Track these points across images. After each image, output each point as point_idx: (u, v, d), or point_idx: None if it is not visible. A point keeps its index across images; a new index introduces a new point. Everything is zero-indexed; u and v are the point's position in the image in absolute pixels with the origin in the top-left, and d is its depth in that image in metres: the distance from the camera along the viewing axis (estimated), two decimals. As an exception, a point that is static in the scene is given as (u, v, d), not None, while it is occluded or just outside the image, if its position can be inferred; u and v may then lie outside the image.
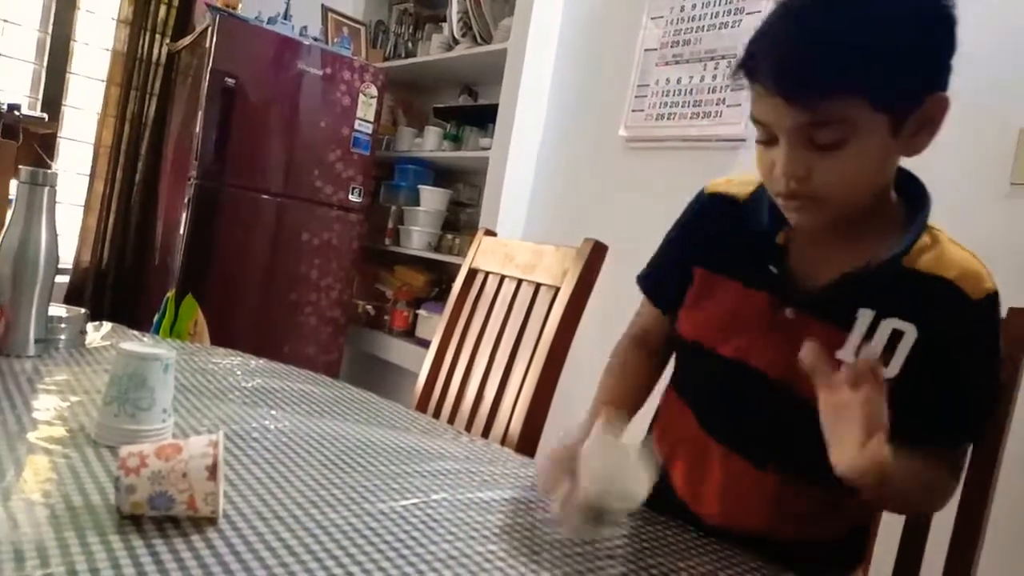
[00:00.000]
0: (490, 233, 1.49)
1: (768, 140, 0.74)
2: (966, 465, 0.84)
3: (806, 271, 0.79)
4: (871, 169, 0.72)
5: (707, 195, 0.92)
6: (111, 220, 2.92)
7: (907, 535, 0.94)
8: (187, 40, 2.79)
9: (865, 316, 0.69)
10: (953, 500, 0.90)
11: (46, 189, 1.03)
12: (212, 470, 0.60)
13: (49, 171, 1.04)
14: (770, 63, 0.69)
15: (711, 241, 0.87)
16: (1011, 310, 0.92)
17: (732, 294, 0.83)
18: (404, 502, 0.74)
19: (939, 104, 0.71)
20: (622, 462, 0.71)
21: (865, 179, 0.72)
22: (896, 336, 0.69)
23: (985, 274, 0.76)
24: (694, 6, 2.11)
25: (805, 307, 0.78)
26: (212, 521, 0.61)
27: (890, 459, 0.62)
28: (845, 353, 0.69)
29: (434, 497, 0.77)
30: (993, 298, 0.76)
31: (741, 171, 0.95)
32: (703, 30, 2.08)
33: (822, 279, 0.78)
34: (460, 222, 2.96)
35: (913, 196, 0.79)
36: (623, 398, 0.91)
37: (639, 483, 0.70)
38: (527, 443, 1.17)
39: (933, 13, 0.68)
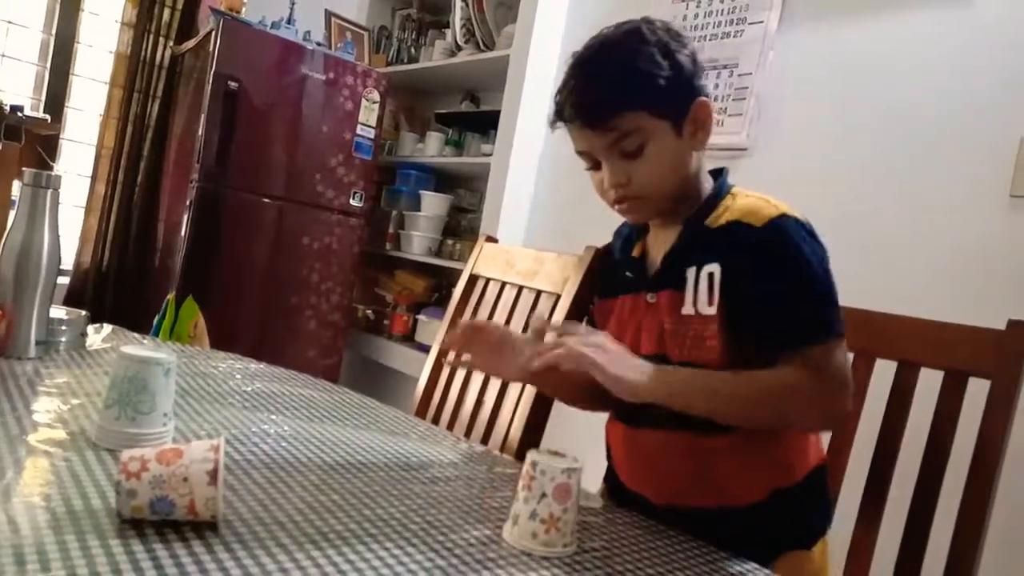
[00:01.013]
0: (491, 239, 1.49)
1: (593, 165, 0.93)
2: (832, 368, 0.83)
3: (654, 264, 0.97)
4: (671, 164, 0.91)
5: (597, 251, 1.15)
6: (112, 222, 2.92)
7: (908, 534, 0.95)
8: (191, 43, 2.80)
9: (690, 274, 0.88)
10: (953, 502, 0.91)
11: (49, 192, 1.03)
12: (213, 475, 0.60)
13: (52, 174, 1.04)
14: (570, 105, 0.90)
15: (602, 280, 1.08)
16: (1011, 322, 0.93)
17: (617, 306, 1.00)
18: (403, 508, 0.74)
19: (702, 108, 0.91)
20: None
21: (669, 172, 0.91)
22: (712, 279, 0.87)
23: (766, 206, 0.88)
24: (696, 16, 2.12)
25: (656, 288, 0.93)
26: (212, 526, 0.62)
27: (671, 376, 0.84)
28: (686, 308, 0.88)
29: (432, 503, 0.77)
30: (777, 221, 0.86)
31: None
32: (705, 40, 2.09)
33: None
34: (461, 228, 2.97)
35: (717, 179, 0.96)
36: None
37: None
38: (526, 449, 1.16)
39: (668, 47, 0.89)
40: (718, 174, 0.97)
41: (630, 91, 0.88)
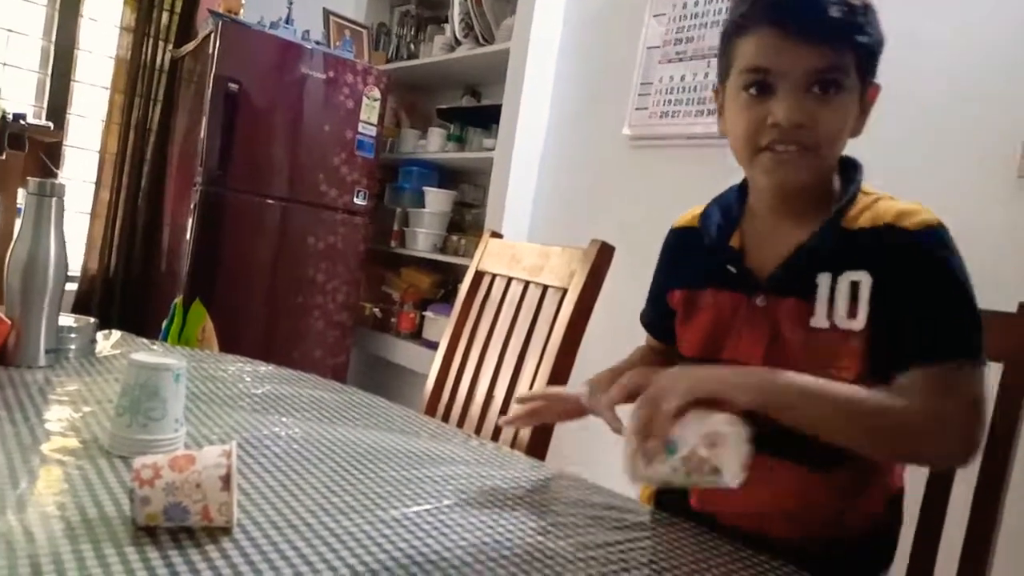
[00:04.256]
0: (496, 235, 1.49)
1: (761, 91, 0.79)
2: (972, 392, 0.75)
3: (762, 262, 0.86)
4: (847, 128, 0.81)
5: (672, 231, 1.02)
6: (118, 227, 2.93)
7: (922, 521, 0.94)
8: (190, 46, 2.80)
9: (824, 280, 0.78)
10: (967, 487, 0.90)
11: (54, 200, 1.03)
12: (226, 480, 0.60)
13: (57, 182, 1.04)
14: (796, 7, 0.77)
15: (683, 266, 0.96)
16: (1022, 305, 0.92)
17: (709, 301, 0.89)
18: (415, 508, 0.74)
19: (876, 90, 0.83)
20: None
21: (843, 136, 0.81)
22: (855, 288, 0.77)
23: (921, 210, 0.80)
24: (696, 3, 2.11)
25: (771, 291, 0.83)
26: (226, 531, 0.62)
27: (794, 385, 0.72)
28: (818, 319, 0.78)
29: (445, 503, 0.77)
30: (933, 227, 0.79)
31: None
32: (706, 27, 2.07)
33: (776, 263, 0.84)
34: (465, 223, 2.97)
35: (848, 172, 0.86)
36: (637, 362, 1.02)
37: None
38: (537, 446, 1.17)
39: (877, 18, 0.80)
40: (848, 166, 0.87)
41: (865, 29, 0.77)
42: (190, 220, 2.51)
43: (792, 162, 0.79)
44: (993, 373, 0.92)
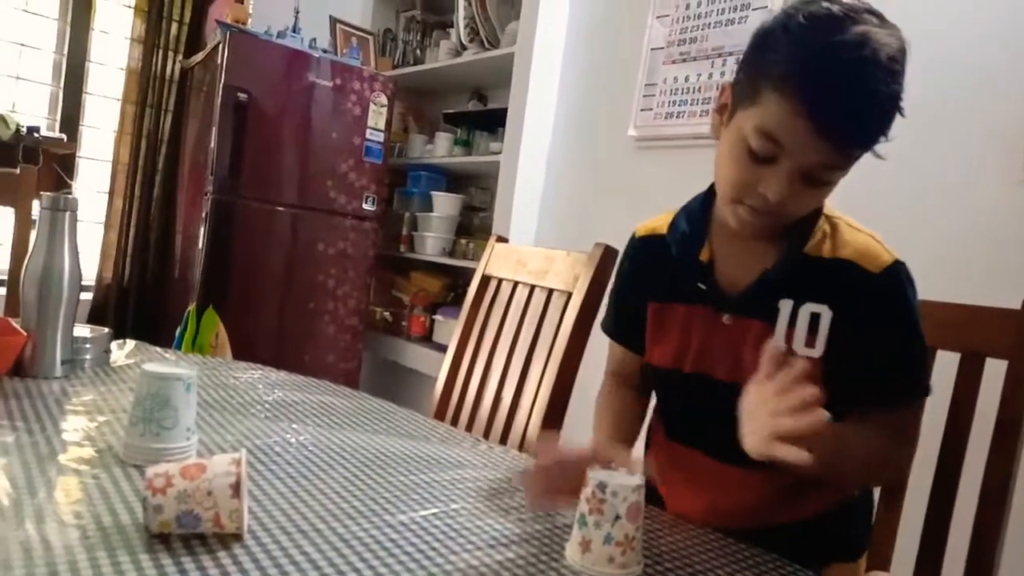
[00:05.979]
0: (502, 239, 1.50)
1: (765, 160, 0.77)
2: (916, 430, 0.85)
3: (732, 279, 0.87)
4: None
5: (638, 239, 1.00)
6: (131, 236, 2.96)
7: (930, 518, 0.94)
8: (199, 56, 2.83)
9: (785, 307, 0.77)
10: (974, 484, 0.90)
11: (67, 214, 1.06)
12: (235, 488, 0.62)
13: (70, 196, 1.06)
14: (839, 107, 0.71)
15: (652, 277, 0.95)
16: (1026, 303, 0.92)
17: (680, 315, 0.91)
18: (424, 512, 0.75)
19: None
20: None
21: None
22: (815, 319, 0.77)
23: (880, 250, 0.83)
24: (699, 4, 2.11)
25: (736, 310, 0.85)
26: (238, 537, 0.63)
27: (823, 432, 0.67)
28: (776, 343, 0.78)
29: (453, 506, 0.78)
30: (893, 268, 0.81)
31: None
32: (709, 27, 2.07)
33: (745, 283, 0.86)
34: (474, 226, 2.98)
35: None
36: (616, 432, 0.99)
37: None
38: (545, 448, 1.18)
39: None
40: None
41: (887, 132, 0.75)
42: (202, 228, 2.54)
43: (761, 223, 0.81)
44: (999, 370, 0.93)
